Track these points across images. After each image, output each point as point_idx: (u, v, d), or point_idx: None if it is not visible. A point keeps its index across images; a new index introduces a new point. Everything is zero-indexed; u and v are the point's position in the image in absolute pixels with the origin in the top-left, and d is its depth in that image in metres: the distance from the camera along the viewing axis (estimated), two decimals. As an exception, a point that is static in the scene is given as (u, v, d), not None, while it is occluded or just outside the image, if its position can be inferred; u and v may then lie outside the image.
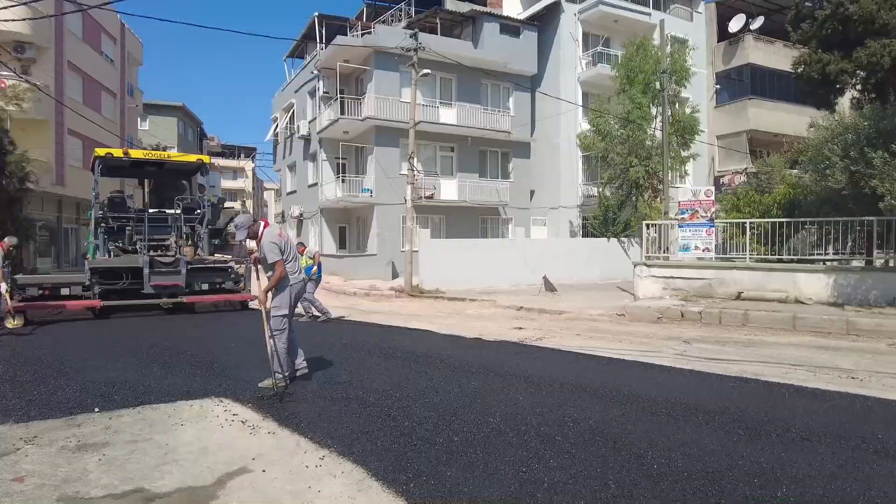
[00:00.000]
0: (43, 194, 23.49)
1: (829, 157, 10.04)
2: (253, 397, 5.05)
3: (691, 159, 22.44)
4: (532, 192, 25.65)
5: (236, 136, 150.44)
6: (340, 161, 23.75)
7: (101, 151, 13.17)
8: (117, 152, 13.35)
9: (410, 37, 17.27)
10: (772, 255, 11.35)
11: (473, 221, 23.83)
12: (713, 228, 11.67)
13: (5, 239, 10.13)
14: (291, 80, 29.36)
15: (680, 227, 12.10)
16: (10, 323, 9.44)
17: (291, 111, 28.16)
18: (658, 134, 21.66)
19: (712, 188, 11.89)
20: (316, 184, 24.77)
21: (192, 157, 14.44)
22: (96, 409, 4.65)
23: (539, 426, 4.19)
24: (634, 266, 12.16)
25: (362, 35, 22.28)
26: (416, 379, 5.82)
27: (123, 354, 7.26)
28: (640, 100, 21.10)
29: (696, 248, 11.78)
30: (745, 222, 11.90)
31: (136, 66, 34.46)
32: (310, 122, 25.57)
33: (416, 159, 17.85)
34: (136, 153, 13.67)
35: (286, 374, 5.39)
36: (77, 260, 28.39)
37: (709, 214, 11.66)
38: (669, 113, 22.08)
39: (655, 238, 12.51)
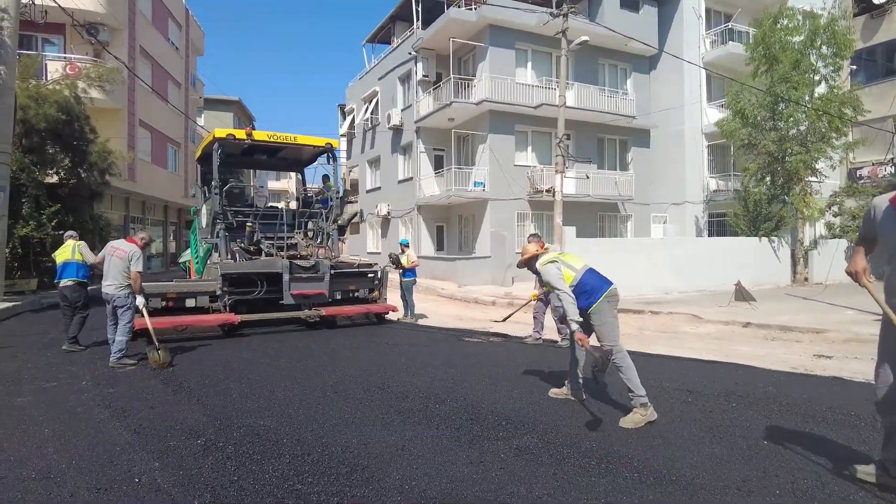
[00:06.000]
0: (113, 190, 21.45)
1: None
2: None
3: (854, 147, 19.40)
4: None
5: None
6: (443, 152, 21.18)
7: (220, 132, 10.84)
8: (240, 133, 10.91)
9: (557, 4, 14.68)
10: None
11: (591, 218, 21.09)
12: None
13: (138, 235, 7.33)
14: (373, 66, 26.79)
15: None
16: (155, 359, 6.47)
17: (374, 100, 25.64)
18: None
19: None
20: (409, 179, 22.22)
21: (321, 141, 11.90)
22: None
23: None
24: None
25: (472, 9, 19.65)
26: None
27: (358, 404, 4.73)
28: (797, 79, 18.15)
29: None
30: None
31: (197, 56, 32.46)
32: (402, 111, 23.08)
33: (562, 144, 15.20)
34: (259, 135, 11.24)
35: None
36: (146, 263, 26.31)
37: None
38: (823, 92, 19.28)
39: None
